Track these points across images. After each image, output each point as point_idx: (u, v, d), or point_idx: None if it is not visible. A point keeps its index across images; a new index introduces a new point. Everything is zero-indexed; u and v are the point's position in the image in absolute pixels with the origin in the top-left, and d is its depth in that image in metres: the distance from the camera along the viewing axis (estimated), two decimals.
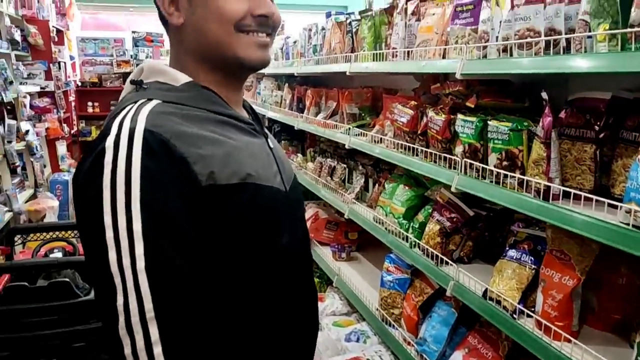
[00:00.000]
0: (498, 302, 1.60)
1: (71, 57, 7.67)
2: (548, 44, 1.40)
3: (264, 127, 1.15)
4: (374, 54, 2.45)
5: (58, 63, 6.18)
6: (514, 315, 1.54)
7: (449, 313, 2.03)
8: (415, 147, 2.09)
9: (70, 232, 2.88)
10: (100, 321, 0.87)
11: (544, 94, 1.43)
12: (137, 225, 0.82)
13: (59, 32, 6.67)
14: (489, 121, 1.66)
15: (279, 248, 1.03)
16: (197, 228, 0.88)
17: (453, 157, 1.83)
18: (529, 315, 1.52)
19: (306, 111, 3.53)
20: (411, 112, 2.15)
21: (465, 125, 1.76)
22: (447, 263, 1.93)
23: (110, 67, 8.21)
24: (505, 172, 1.56)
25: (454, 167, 1.81)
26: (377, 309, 2.43)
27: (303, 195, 1.28)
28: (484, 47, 1.64)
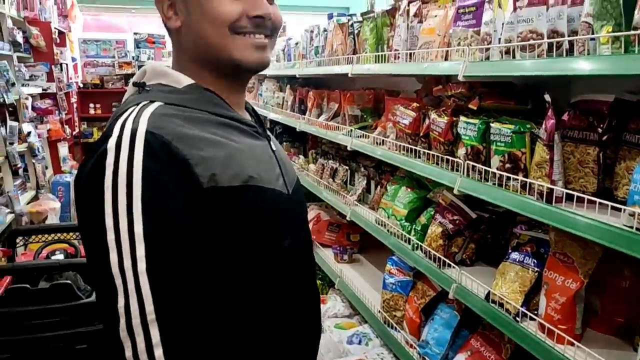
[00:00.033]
0: (501, 305, 1.59)
1: (73, 59, 7.68)
2: (551, 46, 1.39)
3: (266, 129, 1.15)
4: (376, 55, 2.45)
5: (60, 65, 6.18)
6: (517, 318, 1.53)
7: (451, 316, 2.03)
8: (418, 149, 2.09)
9: (72, 234, 2.89)
10: (101, 323, 0.87)
11: (547, 97, 1.42)
12: (139, 227, 0.82)
13: (61, 34, 6.67)
14: (491, 123, 1.65)
15: (282, 250, 1.03)
16: (199, 230, 0.88)
17: (455, 159, 1.82)
18: (532, 318, 1.51)
19: (308, 113, 3.53)
20: (413, 114, 2.15)
21: (468, 127, 1.75)
22: (450, 265, 1.92)
23: (112, 68, 8.22)
24: (508, 175, 1.56)
25: (457, 169, 1.81)
26: (379, 311, 2.43)
27: (305, 197, 1.28)
28: (487, 49, 1.64)
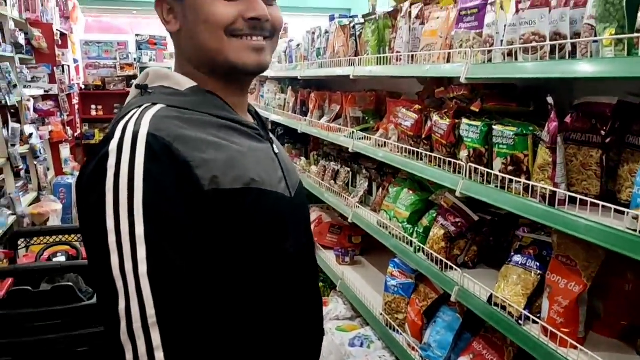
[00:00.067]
0: (503, 308, 1.59)
1: (75, 60, 7.69)
2: (553, 48, 1.39)
3: (269, 132, 1.14)
4: (378, 57, 2.44)
5: (62, 66, 6.19)
6: (520, 321, 1.53)
7: (453, 318, 2.02)
8: (420, 151, 2.08)
9: (73, 235, 2.88)
10: (102, 326, 0.87)
11: (550, 99, 1.42)
12: (140, 229, 0.82)
13: (62, 36, 6.68)
14: (494, 126, 1.65)
15: (284, 254, 1.02)
16: (200, 232, 0.88)
17: (458, 162, 1.82)
18: (535, 322, 1.51)
19: (309, 114, 3.53)
20: (415, 116, 2.14)
21: (470, 129, 1.75)
22: (452, 268, 1.91)
23: (113, 70, 8.22)
24: (511, 177, 1.55)
25: (459, 172, 1.80)
26: (381, 314, 2.42)
27: (307, 199, 1.27)
28: (489, 52, 1.64)
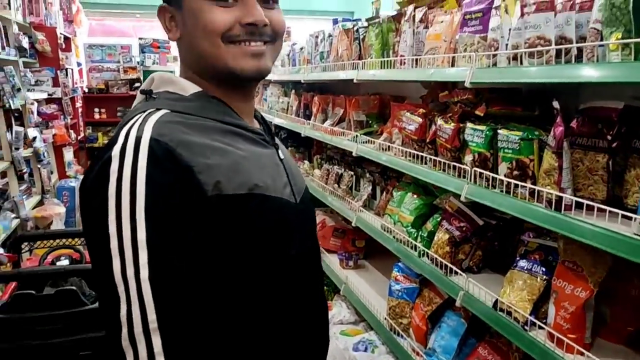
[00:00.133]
0: (509, 313, 1.58)
1: (78, 64, 7.70)
2: (559, 52, 1.38)
3: (274, 137, 1.14)
4: (382, 61, 2.44)
5: (65, 70, 6.21)
6: (525, 327, 1.52)
7: (458, 323, 2.01)
8: (424, 155, 2.08)
9: (77, 239, 2.88)
10: (104, 331, 0.86)
11: (556, 103, 1.41)
12: (142, 234, 0.81)
13: (66, 39, 6.70)
14: (499, 130, 1.64)
15: (288, 260, 1.02)
16: (203, 238, 0.87)
17: (462, 166, 1.81)
18: (541, 327, 1.50)
19: (313, 118, 3.53)
20: (420, 120, 2.14)
21: (475, 134, 1.74)
22: (457, 273, 1.90)
23: (117, 73, 8.23)
24: (516, 182, 1.54)
25: (464, 176, 1.80)
26: (385, 318, 2.41)
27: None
28: (494, 56, 1.63)
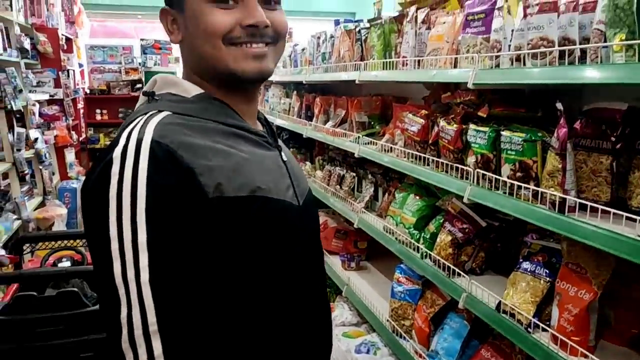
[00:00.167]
0: (512, 315, 1.57)
1: (80, 65, 7.71)
2: (562, 53, 1.38)
3: (277, 139, 1.13)
4: (384, 62, 2.43)
5: (67, 71, 6.21)
6: (529, 329, 1.51)
7: (461, 325, 2.00)
8: (426, 156, 2.07)
9: (78, 241, 2.88)
10: (104, 333, 0.86)
11: (559, 105, 1.40)
12: (142, 237, 0.81)
13: (68, 40, 6.70)
14: (502, 131, 1.63)
15: (291, 262, 1.01)
16: (204, 240, 0.87)
17: (465, 168, 1.80)
18: (544, 329, 1.49)
19: (315, 119, 3.52)
20: (422, 121, 2.13)
21: (478, 135, 1.74)
22: (459, 274, 1.90)
23: (118, 74, 8.24)
24: (520, 184, 1.54)
25: (466, 178, 1.79)
26: (388, 320, 2.40)
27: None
28: (496, 57, 1.63)
